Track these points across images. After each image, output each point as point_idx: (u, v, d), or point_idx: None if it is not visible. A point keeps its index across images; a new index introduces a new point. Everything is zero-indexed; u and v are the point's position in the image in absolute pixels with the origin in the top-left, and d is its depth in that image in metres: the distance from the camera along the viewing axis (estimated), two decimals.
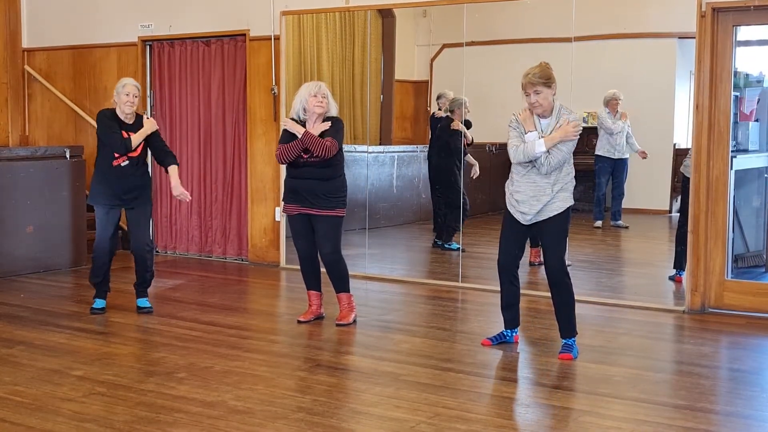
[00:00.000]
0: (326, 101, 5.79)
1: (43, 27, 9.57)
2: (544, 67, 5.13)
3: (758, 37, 6.89)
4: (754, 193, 7.15)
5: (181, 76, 8.79)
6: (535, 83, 5.07)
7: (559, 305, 5.20)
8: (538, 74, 5.08)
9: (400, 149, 9.18)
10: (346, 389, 4.62)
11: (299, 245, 5.96)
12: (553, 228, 5.16)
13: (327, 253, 5.87)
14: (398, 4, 7.80)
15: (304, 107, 5.80)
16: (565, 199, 5.17)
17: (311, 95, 5.76)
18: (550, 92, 5.10)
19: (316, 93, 5.76)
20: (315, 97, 5.75)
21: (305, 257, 5.97)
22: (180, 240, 8.95)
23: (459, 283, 7.36)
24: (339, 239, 5.91)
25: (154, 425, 4.01)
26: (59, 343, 5.48)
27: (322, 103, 5.76)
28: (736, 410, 4.32)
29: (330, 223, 5.83)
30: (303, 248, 5.95)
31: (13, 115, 9.66)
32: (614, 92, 7.97)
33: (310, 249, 5.95)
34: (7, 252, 7.71)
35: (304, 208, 5.83)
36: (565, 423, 4.10)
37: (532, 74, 5.09)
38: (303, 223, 5.88)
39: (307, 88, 5.83)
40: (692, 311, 6.38)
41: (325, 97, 5.79)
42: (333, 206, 5.82)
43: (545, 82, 5.07)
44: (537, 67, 5.12)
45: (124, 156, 6.07)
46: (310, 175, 5.78)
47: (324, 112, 5.79)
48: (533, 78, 5.08)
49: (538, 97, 5.08)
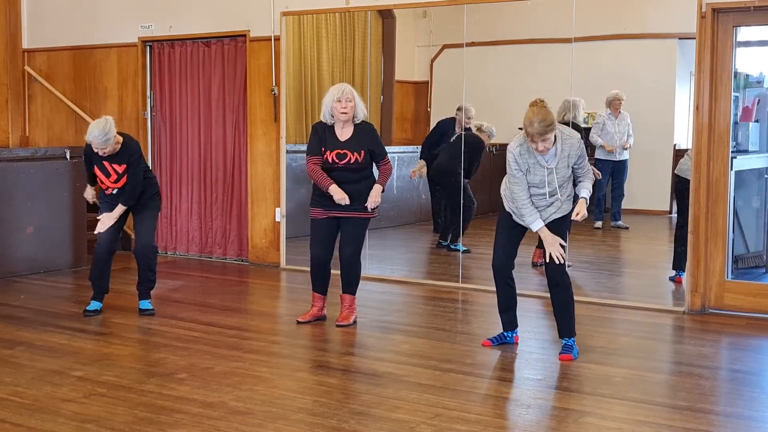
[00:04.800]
0: (351, 105, 5.68)
1: (43, 27, 9.58)
2: (545, 113, 4.91)
3: (758, 37, 6.89)
4: (754, 194, 7.14)
5: (181, 77, 8.79)
6: (542, 133, 4.89)
7: (558, 305, 5.20)
8: (544, 123, 4.87)
9: (400, 150, 9.18)
10: (346, 390, 4.62)
11: (316, 251, 5.88)
12: (555, 229, 5.16)
13: (348, 254, 5.84)
14: (398, 4, 7.79)
15: (331, 113, 5.73)
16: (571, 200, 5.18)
17: (335, 100, 5.66)
18: (555, 132, 4.97)
19: (339, 98, 5.65)
20: (339, 102, 5.65)
21: (318, 262, 5.91)
22: (180, 241, 8.95)
23: (459, 284, 7.36)
24: (362, 241, 5.90)
25: (155, 426, 4.01)
26: (60, 344, 5.48)
27: (347, 108, 5.66)
28: (737, 411, 4.32)
29: (358, 225, 5.81)
30: (319, 254, 5.89)
31: (14, 115, 9.66)
32: (617, 93, 7.96)
33: (326, 255, 5.90)
34: (8, 253, 7.71)
35: (332, 212, 5.79)
36: (566, 424, 4.10)
37: (537, 124, 4.87)
38: (328, 227, 5.83)
39: (331, 94, 5.71)
40: (692, 312, 6.38)
41: (351, 101, 5.67)
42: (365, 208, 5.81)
43: (551, 128, 4.91)
44: (538, 114, 4.89)
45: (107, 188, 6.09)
46: (344, 179, 5.74)
47: (350, 118, 5.71)
48: (540, 128, 4.86)
49: (545, 144, 4.95)
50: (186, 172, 8.83)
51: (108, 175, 6.04)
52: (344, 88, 5.72)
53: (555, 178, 5.06)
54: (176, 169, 8.89)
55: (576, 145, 5.08)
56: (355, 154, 5.72)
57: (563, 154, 5.05)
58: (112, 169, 6.02)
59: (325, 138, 5.76)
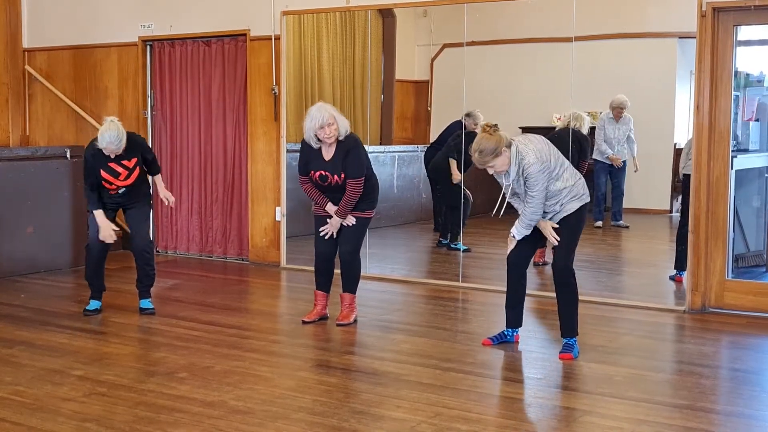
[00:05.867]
0: (334, 128, 5.62)
1: (44, 27, 9.57)
2: (486, 138, 4.93)
3: (759, 36, 6.89)
4: (754, 193, 7.14)
5: (181, 76, 8.78)
6: (484, 163, 4.97)
7: (562, 304, 5.20)
8: (485, 152, 4.91)
9: (400, 149, 9.19)
10: (346, 389, 4.62)
11: (320, 246, 5.92)
12: (564, 227, 5.15)
13: (347, 251, 5.85)
14: (398, 4, 7.80)
15: (316, 138, 5.69)
16: (577, 200, 5.17)
17: (319, 128, 5.60)
18: (504, 156, 4.96)
19: (322, 125, 5.58)
20: (323, 129, 5.60)
21: (322, 257, 5.94)
22: (180, 240, 8.95)
23: (459, 283, 7.36)
24: (361, 240, 5.92)
25: (155, 425, 4.01)
26: (60, 343, 5.48)
27: (330, 132, 5.61)
28: (737, 410, 4.32)
29: (357, 223, 5.83)
30: (324, 250, 5.92)
31: (14, 115, 9.66)
32: (623, 101, 7.90)
33: (331, 251, 5.92)
34: (8, 252, 7.71)
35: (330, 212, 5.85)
36: (566, 422, 4.10)
37: (478, 154, 4.92)
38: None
39: (312, 121, 5.60)
40: (693, 311, 6.38)
41: (333, 124, 5.60)
42: (362, 208, 5.83)
43: (494, 154, 4.93)
44: (480, 142, 4.93)
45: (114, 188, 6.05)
46: (333, 193, 5.80)
47: (336, 138, 5.70)
48: (481, 159, 4.93)
49: (495, 169, 5.02)
50: (186, 171, 8.83)
51: (117, 174, 6.01)
52: (324, 114, 5.59)
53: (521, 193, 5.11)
54: (176, 168, 8.89)
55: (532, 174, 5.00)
56: (335, 176, 5.73)
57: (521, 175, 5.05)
58: (121, 167, 6.00)
59: (311, 158, 5.78)
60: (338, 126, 5.65)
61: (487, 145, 4.93)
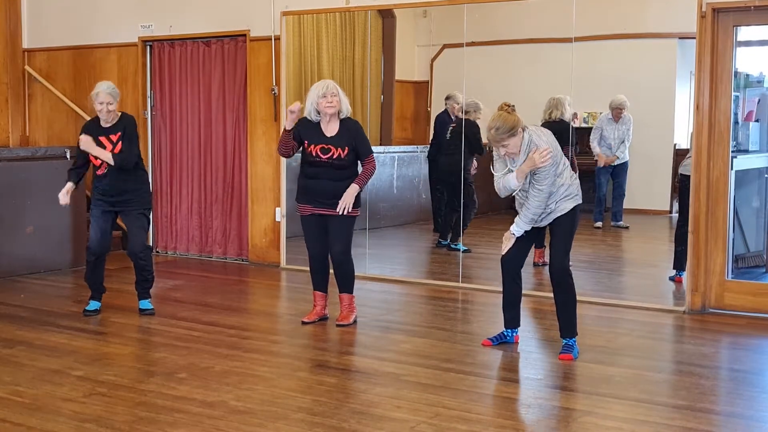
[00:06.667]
0: (337, 99, 5.70)
1: (44, 27, 9.57)
2: (505, 116, 4.97)
3: (759, 37, 6.89)
4: (754, 194, 7.14)
5: (181, 77, 8.79)
6: (500, 140, 4.97)
7: (560, 305, 5.20)
8: (501, 130, 4.94)
9: (400, 149, 9.18)
10: (346, 389, 4.62)
11: (311, 245, 5.93)
12: (558, 227, 5.16)
13: (337, 252, 5.85)
14: (398, 4, 7.80)
15: (317, 109, 5.75)
16: (571, 200, 5.17)
17: (320, 96, 5.69)
18: (518, 137, 4.99)
19: (325, 93, 5.67)
20: (325, 98, 5.67)
21: (316, 257, 5.94)
22: (180, 240, 8.95)
23: (459, 284, 7.36)
24: (350, 239, 5.89)
25: (155, 425, 4.01)
26: (60, 344, 5.48)
27: (333, 102, 5.67)
28: (737, 411, 4.32)
29: (343, 223, 5.81)
30: (315, 248, 5.93)
31: (14, 115, 9.66)
32: (622, 101, 7.91)
33: (322, 249, 5.92)
34: (7, 252, 7.71)
35: (317, 209, 5.81)
36: (566, 423, 4.10)
37: (494, 131, 4.94)
38: (317, 224, 5.85)
39: (316, 90, 5.74)
40: (692, 311, 6.38)
41: (336, 95, 5.69)
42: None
43: (510, 133, 4.95)
44: (498, 119, 4.96)
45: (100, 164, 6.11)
46: (327, 175, 5.75)
47: (336, 112, 5.74)
48: (497, 136, 4.95)
49: (507, 149, 5.01)
50: (186, 172, 8.83)
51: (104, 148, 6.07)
52: (328, 84, 5.74)
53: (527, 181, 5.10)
54: (176, 168, 8.89)
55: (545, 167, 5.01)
56: (339, 150, 5.73)
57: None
58: (108, 140, 6.08)
59: (309, 132, 5.77)
60: (340, 99, 5.73)
61: (505, 123, 4.95)
